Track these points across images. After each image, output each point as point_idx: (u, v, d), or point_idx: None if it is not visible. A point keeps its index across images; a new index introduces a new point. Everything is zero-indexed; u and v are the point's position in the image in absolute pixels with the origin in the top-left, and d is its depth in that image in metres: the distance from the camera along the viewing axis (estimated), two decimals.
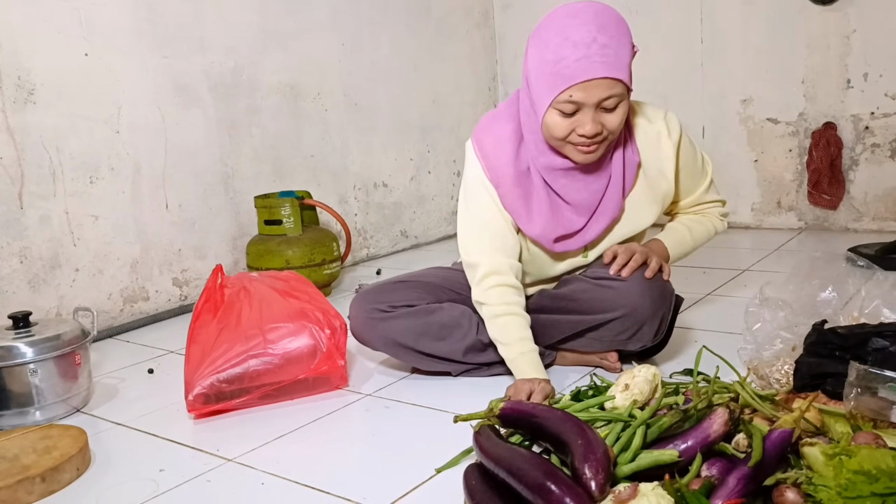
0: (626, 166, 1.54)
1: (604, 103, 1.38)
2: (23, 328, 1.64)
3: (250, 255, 2.57)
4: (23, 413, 1.60)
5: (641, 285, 1.52)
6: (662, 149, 1.56)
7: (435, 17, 3.40)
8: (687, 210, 1.71)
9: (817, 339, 1.34)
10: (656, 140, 1.55)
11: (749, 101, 3.14)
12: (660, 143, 1.56)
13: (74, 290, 2.22)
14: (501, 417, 1.18)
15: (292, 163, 2.85)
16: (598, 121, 1.39)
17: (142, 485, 1.30)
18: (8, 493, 1.23)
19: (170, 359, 2.02)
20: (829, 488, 0.91)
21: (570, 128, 1.41)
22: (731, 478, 0.97)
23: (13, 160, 2.08)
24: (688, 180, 1.64)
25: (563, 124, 1.41)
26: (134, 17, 2.33)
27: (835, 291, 1.50)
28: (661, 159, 1.56)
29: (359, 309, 1.71)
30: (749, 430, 1.05)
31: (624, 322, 1.53)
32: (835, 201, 3.01)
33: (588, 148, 1.43)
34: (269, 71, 2.74)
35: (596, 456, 0.97)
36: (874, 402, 1.11)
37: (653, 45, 3.30)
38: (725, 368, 1.36)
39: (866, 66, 2.88)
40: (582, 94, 1.36)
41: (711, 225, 1.71)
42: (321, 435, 1.46)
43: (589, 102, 1.37)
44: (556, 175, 1.52)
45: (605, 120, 1.40)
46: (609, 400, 1.23)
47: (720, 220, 1.73)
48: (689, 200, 1.68)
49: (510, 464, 1.02)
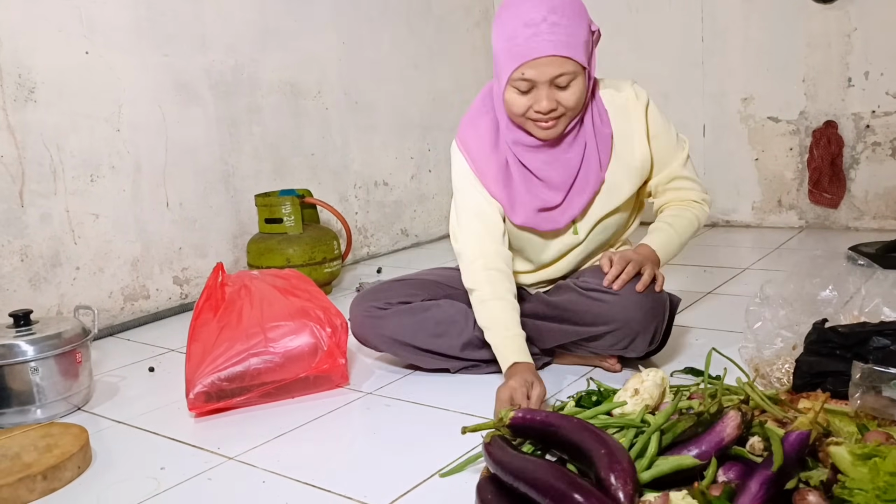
0: (599, 139, 1.56)
1: (556, 80, 1.42)
2: (24, 326, 1.64)
3: (251, 254, 2.57)
4: (24, 411, 1.60)
5: (633, 298, 1.48)
6: (632, 115, 1.57)
7: (435, 15, 3.40)
8: (665, 188, 1.64)
9: (818, 338, 1.35)
10: (624, 108, 1.57)
11: (750, 100, 3.14)
12: (628, 109, 1.57)
13: (75, 288, 2.22)
14: (512, 427, 1.13)
15: (293, 161, 2.85)
16: (552, 97, 1.44)
17: (143, 483, 1.30)
18: (9, 490, 1.24)
19: (170, 357, 2.02)
20: (866, 491, 0.88)
21: (528, 105, 1.46)
22: (753, 482, 0.94)
23: (14, 158, 2.08)
24: (662, 151, 1.61)
25: (520, 101, 1.46)
26: (134, 15, 2.33)
27: (835, 290, 1.50)
28: (632, 125, 1.57)
29: (357, 309, 1.72)
30: (766, 433, 1.02)
31: (616, 335, 1.51)
32: (835, 200, 3.01)
33: (546, 124, 1.48)
34: (270, 69, 2.74)
35: (622, 465, 0.94)
36: (878, 401, 1.11)
37: (653, 43, 3.31)
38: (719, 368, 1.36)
39: (867, 64, 2.87)
40: (533, 72, 1.41)
41: (693, 215, 1.63)
42: (322, 433, 1.46)
43: (541, 80, 1.41)
44: (528, 153, 1.55)
45: (560, 97, 1.44)
46: (619, 406, 1.21)
47: (701, 206, 1.65)
48: (666, 174, 1.62)
49: (532, 476, 0.98)
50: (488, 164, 1.57)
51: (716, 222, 3.33)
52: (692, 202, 1.64)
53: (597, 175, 1.56)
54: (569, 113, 1.48)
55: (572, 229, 1.61)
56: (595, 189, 1.57)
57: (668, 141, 1.61)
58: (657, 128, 1.60)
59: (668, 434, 1.07)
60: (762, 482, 0.94)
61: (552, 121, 1.47)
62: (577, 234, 1.62)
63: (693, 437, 1.07)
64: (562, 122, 1.49)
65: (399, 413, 1.52)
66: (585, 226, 1.61)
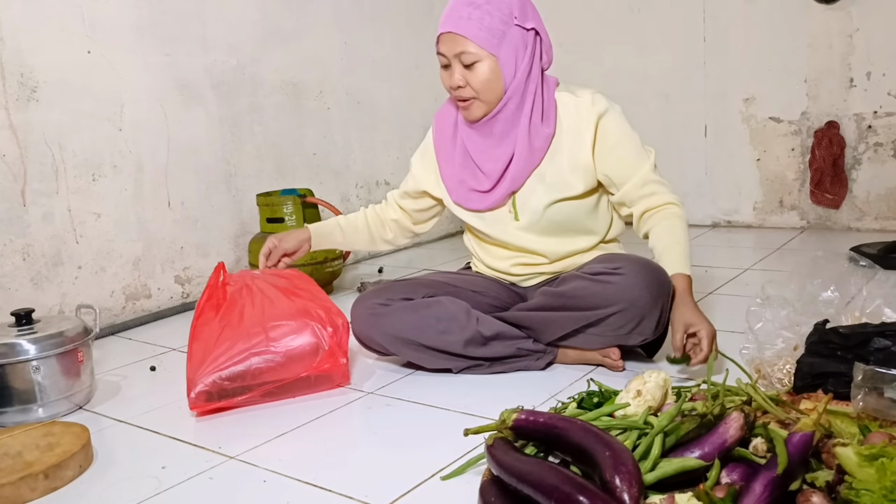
0: (535, 137, 1.63)
1: (461, 57, 1.56)
2: (25, 325, 1.64)
3: (252, 253, 2.57)
4: (25, 410, 1.60)
5: (639, 277, 1.52)
6: (582, 117, 1.63)
7: (436, 15, 3.37)
8: (639, 196, 1.65)
9: (819, 339, 1.34)
10: (576, 110, 1.63)
11: (751, 100, 3.14)
12: (580, 112, 1.63)
13: (77, 287, 2.22)
14: (515, 429, 1.13)
15: (294, 161, 2.85)
16: (462, 75, 1.57)
17: (144, 482, 1.30)
18: (11, 489, 1.24)
19: (172, 356, 2.02)
20: (873, 492, 0.88)
21: (447, 83, 1.61)
22: (757, 484, 0.93)
23: (16, 157, 2.08)
24: (623, 162, 1.63)
25: (444, 76, 1.62)
26: (136, 14, 2.33)
27: (837, 291, 1.50)
28: (581, 129, 1.63)
29: (359, 308, 1.73)
30: (769, 435, 1.02)
31: (624, 315, 1.53)
32: (837, 200, 3.00)
33: (462, 103, 1.62)
34: (272, 69, 2.74)
35: (627, 467, 0.94)
36: (880, 402, 1.11)
37: (655, 43, 3.30)
38: (721, 369, 1.36)
39: (869, 64, 2.87)
40: (443, 47, 1.58)
41: (681, 221, 1.64)
42: (323, 433, 1.46)
43: (448, 54, 1.57)
44: (470, 134, 1.68)
45: (468, 77, 1.57)
46: (622, 408, 1.21)
47: (679, 208, 1.65)
48: (638, 181, 1.64)
49: (537, 478, 0.97)
50: (444, 140, 1.75)
51: (717, 223, 3.32)
52: (669, 205, 1.65)
53: (521, 172, 1.64)
54: (481, 97, 1.59)
55: (512, 214, 1.69)
56: (521, 181, 1.65)
57: (629, 151, 1.65)
58: (614, 138, 1.63)
59: (671, 436, 1.07)
60: (766, 483, 0.93)
61: (466, 101, 1.60)
62: (518, 220, 1.68)
63: (696, 439, 1.06)
64: (476, 106, 1.61)
65: (400, 413, 1.52)
66: (528, 212, 1.67)
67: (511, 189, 1.66)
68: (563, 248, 1.71)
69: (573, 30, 3.38)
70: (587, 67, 3.35)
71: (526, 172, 1.64)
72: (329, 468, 1.30)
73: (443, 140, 1.76)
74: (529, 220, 1.67)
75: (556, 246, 1.70)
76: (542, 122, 1.63)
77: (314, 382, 1.65)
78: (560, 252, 1.70)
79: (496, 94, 1.60)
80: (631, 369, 1.63)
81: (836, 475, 0.96)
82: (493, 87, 1.58)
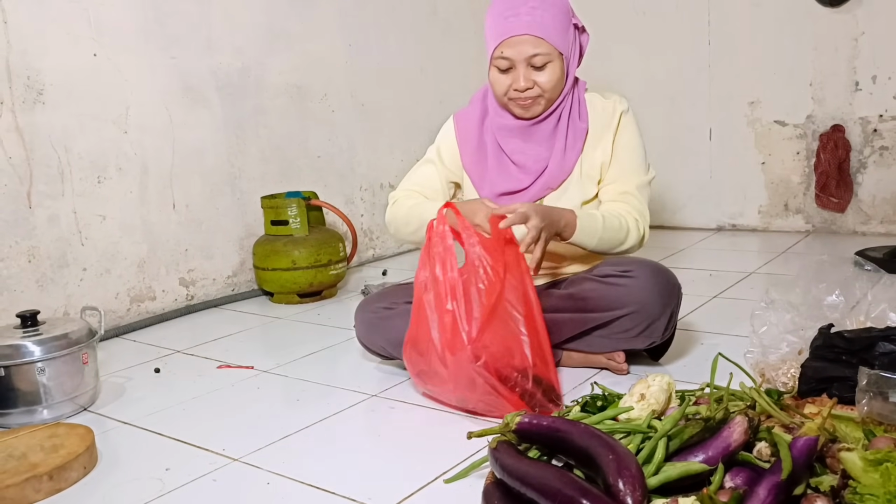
0: (572, 132, 1.64)
1: (532, 60, 1.53)
2: (31, 327, 1.65)
3: (257, 256, 2.57)
4: (30, 411, 1.60)
5: (649, 281, 1.53)
6: (609, 118, 1.65)
7: (441, 18, 3.40)
8: (611, 200, 1.63)
9: (824, 343, 1.34)
10: (604, 110, 1.66)
11: (756, 104, 3.14)
12: (607, 112, 1.66)
13: (82, 289, 2.23)
14: (518, 432, 1.13)
15: (299, 163, 2.85)
16: (529, 77, 1.55)
17: (148, 483, 1.30)
18: (16, 490, 1.24)
19: (176, 358, 2.03)
20: (877, 496, 0.88)
21: (508, 84, 1.57)
22: (761, 488, 0.93)
23: (22, 160, 2.09)
24: (622, 161, 1.63)
25: (501, 80, 1.58)
26: (142, 17, 2.34)
27: (842, 295, 1.49)
28: (606, 128, 1.65)
29: (362, 312, 1.73)
30: (773, 439, 1.02)
31: (633, 319, 1.53)
32: (842, 204, 2.99)
33: (524, 102, 1.58)
34: (276, 72, 2.74)
35: (630, 471, 0.94)
36: (885, 407, 1.11)
37: (660, 46, 3.30)
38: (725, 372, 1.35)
39: (874, 68, 2.87)
40: (510, 51, 1.53)
41: (620, 220, 1.58)
42: (327, 435, 1.46)
43: (517, 58, 1.54)
44: (508, 136, 1.66)
45: (537, 78, 1.55)
46: (625, 411, 1.21)
47: (637, 223, 1.61)
48: (619, 187, 1.62)
49: (540, 482, 0.98)
50: (469, 138, 1.71)
51: (722, 226, 3.32)
52: (629, 216, 1.60)
53: (562, 167, 1.64)
54: (546, 94, 1.57)
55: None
56: (559, 179, 1.64)
57: (632, 154, 1.65)
58: (626, 135, 1.65)
59: (675, 440, 1.06)
60: (770, 488, 0.93)
61: (530, 100, 1.58)
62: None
63: (700, 443, 1.06)
64: (539, 103, 1.59)
65: (404, 416, 1.53)
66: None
67: (548, 186, 1.64)
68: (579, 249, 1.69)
69: None
70: (592, 71, 3.32)
71: (565, 170, 1.64)
72: (333, 471, 1.30)
73: (468, 135, 1.72)
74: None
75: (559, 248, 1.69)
76: (580, 119, 1.65)
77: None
78: (577, 252, 1.68)
79: (560, 92, 1.61)
80: (635, 373, 1.62)
81: (841, 480, 0.96)
82: (559, 86, 1.59)
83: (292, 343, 2.10)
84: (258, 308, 2.51)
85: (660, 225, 3.38)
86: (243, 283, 2.68)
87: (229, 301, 2.58)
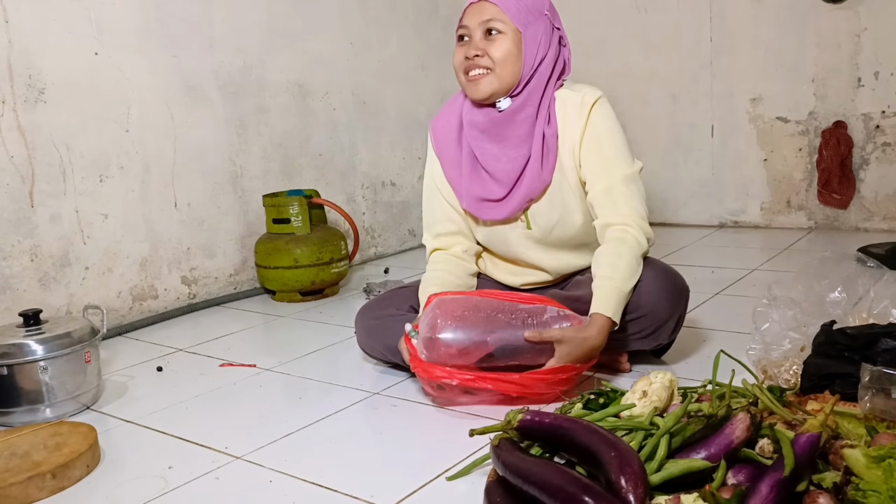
0: (546, 139, 1.57)
1: (486, 25, 1.53)
2: (33, 326, 1.65)
3: (259, 254, 2.58)
4: (33, 410, 1.61)
5: (657, 284, 1.51)
6: (579, 111, 1.57)
7: (442, 15, 3.40)
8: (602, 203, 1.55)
9: (826, 340, 1.34)
10: (572, 107, 1.57)
11: (759, 100, 3.13)
12: (575, 108, 1.57)
13: (84, 288, 2.23)
14: (520, 430, 1.13)
15: (300, 161, 2.85)
16: (480, 45, 1.53)
17: (150, 482, 1.31)
18: (19, 489, 1.25)
19: (178, 357, 2.03)
20: (880, 493, 0.88)
21: (463, 55, 1.56)
22: (763, 485, 0.93)
23: (24, 159, 2.09)
24: (600, 153, 1.54)
25: (458, 52, 1.58)
26: (143, 16, 2.34)
27: (844, 292, 1.49)
28: (577, 122, 1.56)
29: (364, 317, 1.73)
30: (775, 436, 1.01)
31: (642, 322, 1.52)
32: (845, 201, 2.99)
33: (474, 77, 1.55)
34: (278, 70, 2.74)
35: (633, 468, 0.94)
36: (888, 403, 1.11)
37: (662, 43, 3.30)
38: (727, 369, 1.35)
39: (877, 64, 2.86)
40: (468, 19, 1.55)
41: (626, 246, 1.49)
42: (329, 433, 1.46)
43: (472, 24, 1.54)
44: (481, 140, 1.61)
45: (487, 46, 1.53)
46: (628, 408, 1.20)
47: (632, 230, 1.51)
48: (604, 186, 1.54)
49: (542, 479, 0.97)
50: (446, 147, 1.68)
51: (724, 223, 3.31)
52: (625, 225, 1.52)
53: (538, 176, 1.57)
54: (496, 70, 1.53)
55: (524, 224, 1.62)
56: (538, 189, 1.58)
57: (609, 146, 1.55)
58: (600, 127, 1.55)
59: (677, 437, 1.06)
60: (772, 484, 0.93)
61: (480, 72, 1.54)
62: (530, 228, 1.62)
63: (702, 440, 1.06)
64: (486, 81, 1.54)
65: (406, 413, 1.53)
66: (542, 222, 1.61)
67: (528, 197, 1.58)
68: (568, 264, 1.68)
69: (579, 30, 3.37)
70: (594, 68, 3.34)
71: (545, 179, 1.57)
72: (335, 468, 1.30)
73: (445, 146, 1.68)
74: (540, 229, 1.62)
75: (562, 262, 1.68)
76: (548, 123, 1.58)
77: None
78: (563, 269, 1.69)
79: (512, 74, 1.53)
80: (637, 370, 1.62)
81: (843, 476, 0.96)
82: (511, 63, 1.52)
83: (294, 341, 2.10)
84: (260, 306, 2.52)
85: (662, 222, 3.38)
86: (245, 282, 2.68)
87: (231, 299, 2.59)
